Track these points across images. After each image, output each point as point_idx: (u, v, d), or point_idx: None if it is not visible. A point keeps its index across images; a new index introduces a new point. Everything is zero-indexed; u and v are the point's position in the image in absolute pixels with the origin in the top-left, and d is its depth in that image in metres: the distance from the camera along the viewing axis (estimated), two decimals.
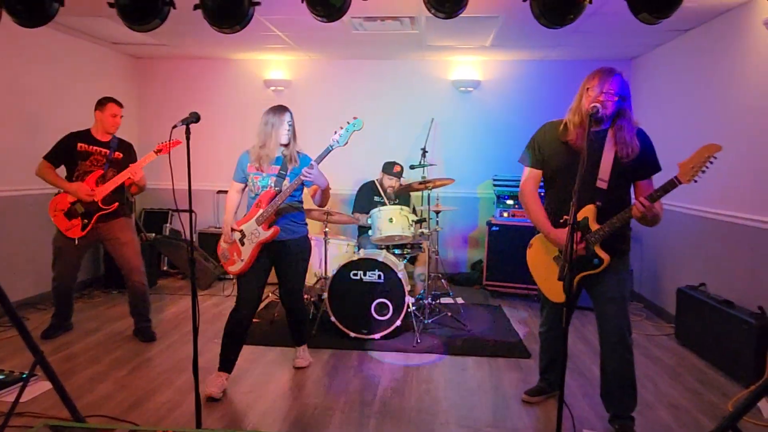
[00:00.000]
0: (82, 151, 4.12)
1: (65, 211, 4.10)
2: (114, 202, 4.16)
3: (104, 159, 4.16)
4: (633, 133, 2.72)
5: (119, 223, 4.23)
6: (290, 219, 3.49)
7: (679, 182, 2.54)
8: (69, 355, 3.93)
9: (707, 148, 2.48)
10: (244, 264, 3.42)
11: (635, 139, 2.71)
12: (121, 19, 2.52)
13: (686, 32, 4.89)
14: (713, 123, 4.43)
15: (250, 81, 6.73)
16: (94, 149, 4.16)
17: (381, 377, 3.69)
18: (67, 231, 4.10)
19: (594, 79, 2.70)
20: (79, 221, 4.09)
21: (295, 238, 3.50)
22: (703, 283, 4.35)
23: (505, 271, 5.76)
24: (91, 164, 4.14)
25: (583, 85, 2.75)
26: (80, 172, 4.11)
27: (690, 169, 2.51)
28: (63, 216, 4.10)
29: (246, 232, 3.43)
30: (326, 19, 2.47)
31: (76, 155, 4.11)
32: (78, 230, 4.10)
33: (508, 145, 6.24)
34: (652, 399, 3.39)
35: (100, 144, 4.18)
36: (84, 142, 4.15)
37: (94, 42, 5.90)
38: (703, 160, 2.47)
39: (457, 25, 4.85)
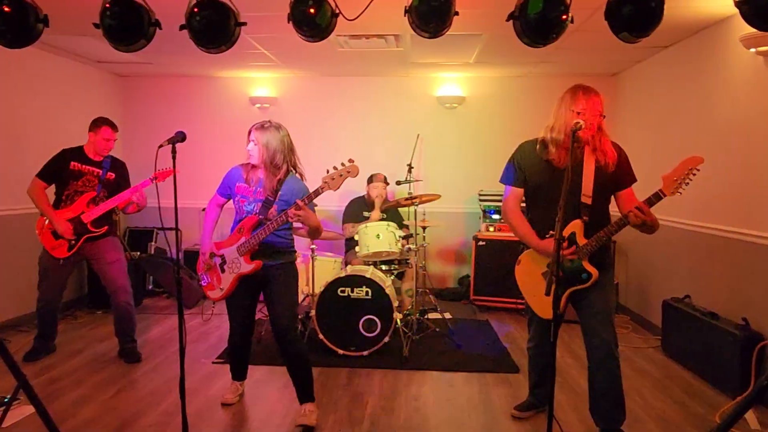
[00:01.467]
0: (75, 170, 4.06)
1: (53, 230, 4.03)
2: (104, 226, 4.11)
3: (96, 180, 4.11)
4: (610, 144, 2.80)
5: (106, 242, 4.18)
6: (273, 249, 3.19)
7: (663, 195, 2.58)
8: (52, 378, 3.85)
9: (690, 160, 2.53)
10: (223, 293, 3.26)
11: (612, 150, 2.79)
12: (106, 39, 2.52)
13: (666, 48, 4.99)
14: (694, 137, 4.51)
15: (235, 99, 6.74)
16: (87, 169, 4.10)
17: (370, 395, 3.66)
18: (52, 250, 4.04)
19: (576, 96, 2.73)
20: (65, 242, 4.03)
21: (277, 263, 3.21)
22: (688, 295, 4.40)
23: (492, 286, 5.77)
24: (83, 185, 4.08)
25: (562, 102, 2.80)
26: (71, 191, 4.05)
27: (673, 182, 2.55)
28: (50, 234, 4.03)
29: (227, 258, 3.25)
30: (312, 39, 2.49)
31: (68, 174, 4.05)
32: (64, 250, 4.04)
33: (493, 161, 6.23)
34: (640, 412, 3.40)
35: (92, 163, 4.13)
36: (77, 160, 4.08)
37: (79, 61, 5.88)
38: (686, 172, 2.52)
39: (442, 43, 4.86)
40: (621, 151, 2.85)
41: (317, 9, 2.41)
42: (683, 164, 2.54)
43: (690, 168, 2.52)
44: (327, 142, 6.57)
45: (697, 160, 2.52)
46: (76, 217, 4.01)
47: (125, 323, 4.24)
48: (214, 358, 4.29)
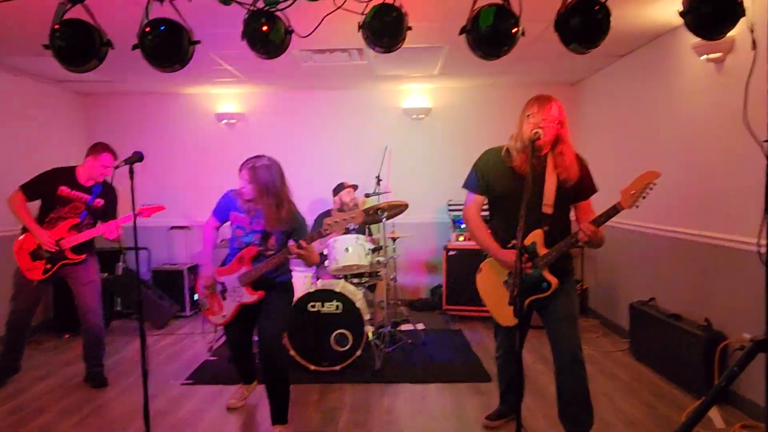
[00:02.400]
0: (63, 196, 3.96)
1: (31, 251, 3.92)
2: (83, 253, 4.02)
3: (83, 206, 4.02)
4: (573, 157, 2.81)
5: (85, 265, 4.08)
6: (269, 274, 3.26)
7: (621, 208, 2.63)
8: (15, 407, 3.73)
9: (647, 175, 2.58)
10: (225, 320, 3.36)
11: (575, 164, 2.80)
12: (57, 61, 2.48)
13: (623, 57, 5.10)
14: (652, 143, 4.61)
15: (201, 115, 6.69)
16: (76, 195, 3.99)
17: (342, 410, 3.64)
18: (27, 271, 3.92)
19: (533, 106, 2.77)
20: (41, 264, 3.93)
21: (270, 283, 3.31)
22: (653, 297, 4.47)
23: (464, 295, 5.79)
24: (69, 211, 3.98)
25: (523, 112, 2.83)
26: (56, 216, 3.95)
27: (631, 195, 2.60)
28: (27, 255, 3.92)
29: (227, 286, 3.31)
30: (266, 56, 2.49)
31: (56, 200, 3.95)
32: (39, 273, 3.93)
33: (461, 170, 6.15)
34: (609, 416, 3.44)
35: (82, 189, 4.02)
36: (67, 185, 3.96)
37: (39, 80, 5.77)
38: (642, 186, 2.58)
39: (405, 56, 4.91)
40: (583, 164, 2.87)
41: (270, 26, 2.42)
42: (641, 178, 2.60)
43: (647, 182, 2.58)
44: (295, 156, 6.53)
45: (654, 174, 2.57)
46: (55, 241, 3.91)
47: (95, 346, 4.15)
48: (183, 379, 4.22)
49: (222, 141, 6.69)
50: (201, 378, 4.24)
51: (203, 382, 4.17)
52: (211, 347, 4.93)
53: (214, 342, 5.04)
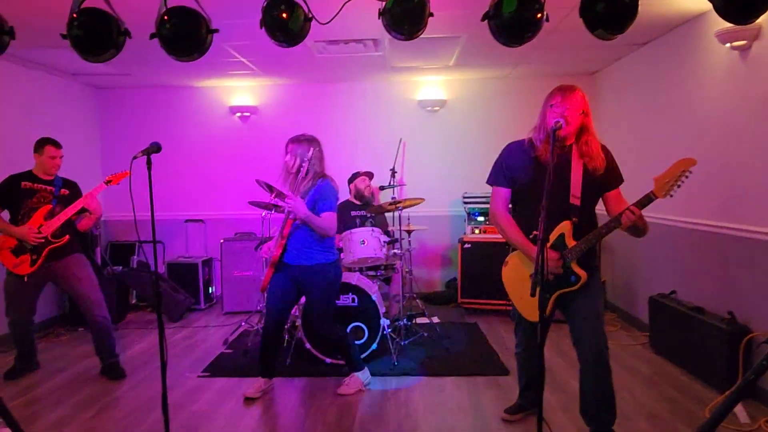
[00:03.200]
0: (27, 188, 3.99)
1: (12, 248, 3.93)
2: (64, 235, 4.00)
3: (51, 195, 4.04)
4: (598, 147, 2.75)
5: (73, 258, 4.08)
6: (303, 244, 3.56)
7: (654, 197, 2.55)
8: (32, 399, 3.76)
9: (682, 162, 2.49)
10: (263, 282, 3.67)
11: (601, 153, 2.75)
12: (75, 50, 2.46)
13: (643, 46, 5.01)
14: (673, 133, 4.53)
15: (215, 108, 6.68)
16: (40, 187, 4.03)
17: (359, 403, 3.61)
18: (15, 268, 3.93)
19: (556, 96, 2.71)
20: (27, 257, 3.93)
21: (307, 264, 3.56)
22: (674, 290, 4.40)
23: (479, 288, 5.75)
24: (38, 201, 3.99)
25: (546, 103, 2.77)
26: (26, 209, 3.96)
27: (665, 184, 2.52)
28: (10, 253, 3.93)
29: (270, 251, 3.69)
30: (286, 44, 2.45)
31: (21, 193, 3.97)
32: (27, 266, 3.93)
33: (476, 162, 6.26)
34: (630, 410, 3.39)
35: (44, 182, 4.06)
36: (28, 180, 4.02)
37: (54, 74, 5.78)
38: (678, 174, 2.49)
39: (420, 46, 4.89)
40: (608, 154, 2.82)
41: (289, 14, 2.38)
42: (675, 166, 2.50)
43: (682, 170, 2.49)
44: None
45: (690, 161, 2.48)
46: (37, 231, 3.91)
47: (104, 338, 4.14)
48: (200, 371, 4.22)
49: (236, 134, 6.68)
50: (217, 370, 4.24)
51: (219, 374, 4.16)
52: (227, 340, 4.93)
53: (230, 334, 5.05)
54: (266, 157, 6.53)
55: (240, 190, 6.31)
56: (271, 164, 6.72)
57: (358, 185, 5.40)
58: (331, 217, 3.53)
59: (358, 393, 3.75)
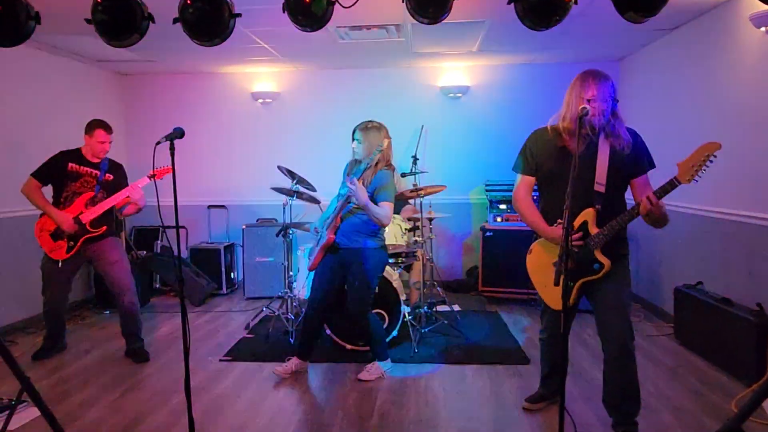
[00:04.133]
0: (73, 171, 4.04)
1: (51, 231, 4.02)
2: (102, 226, 4.08)
3: (95, 180, 4.09)
4: (625, 131, 2.70)
5: (108, 242, 4.16)
6: (354, 229, 3.64)
7: (678, 182, 2.48)
8: (60, 379, 3.84)
9: (706, 146, 2.41)
10: (311, 264, 3.78)
11: (626, 133, 2.70)
12: (99, 35, 2.47)
13: (673, 30, 4.88)
14: (704, 121, 4.42)
15: (237, 94, 6.69)
16: (85, 170, 4.08)
17: (379, 390, 3.62)
18: (51, 252, 4.02)
19: (585, 83, 2.65)
20: (64, 243, 4.01)
21: (355, 247, 3.64)
22: (701, 281, 4.32)
23: (500, 277, 5.71)
24: (81, 186, 4.06)
25: (572, 89, 2.71)
26: (69, 193, 4.03)
27: (689, 169, 2.45)
28: (48, 236, 4.02)
29: (321, 234, 3.75)
30: (309, 28, 2.43)
31: (66, 176, 4.03)
32: (63, 252, 4.01)
33: (499, 150, 6.23)
34: (654, 402, 3.34)
35: (90, 165, 4.11)
36: (75, 162, 4.07)
37: (80, 60, 5.85)
38: (702, 159, 2.42)
39: (443, 32, 4.84)
40: (636, 136, 2.76)
41: None
42: (699, 150, 2.43)
43: (706, 154, 2.41)
44: (330, 135, 6.50)
45: (715, 145, 2.40)
46: (74, 218, 3.98)
47: (131, 323, 4.22)
48: (221, 355, 4.26)
49: (258, 120, 6.70)
50: (238, 355, 4.28)
51: (241, 359, 4.20)
52: (248, 325, 4.98)
53: (251, 319, 5.09)
54: (288, 143, 6.54)
55: (262, 176, 6.32)
56: (293, 150, 6.76)
57: None
58: (389, 207, 3.58)
59: (378, 380, 3.76)
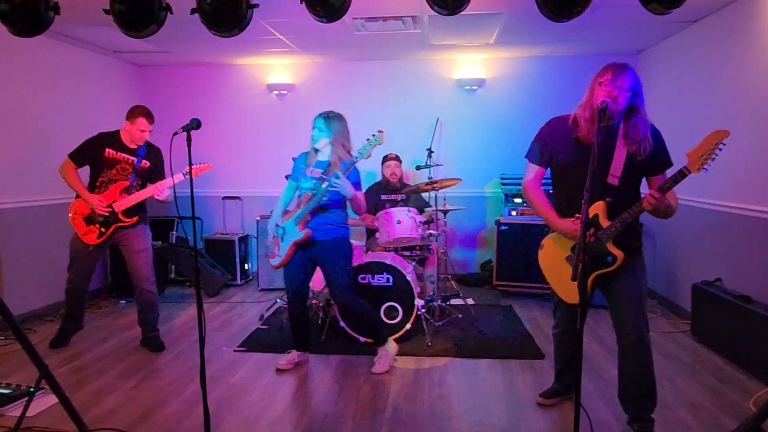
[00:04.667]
0: (110, 158, 4.04)
1: (85, 216, 4.04)
2: (134, 216, 4.10)
3: (131, 168, 4.09)
4: (647, 130, 2.65)
5: (137, 230, 4.17)
6: (326, 222, 3.63)
7: (688, 172, 2.46)
8: (76, 368, 3.89)
9: (714, 135, 2.39)
10: (281, 260, 3.70)
11: (648, 137, 2.64)
12: (117, 25, 2.47)
13: (695, 23, 4.80)
14: (724, 114, 4.34)
15: (253, 85, 6.70)
16: (122, 157, 4.06)
17: (392, 383, 3.62)
18: (83, 236, 4.05)
19: (606, 74, 2.61)
20: (96, 229, 4.04)
21: (328, 238, 3.63)
22: (719, 278, 4.26)
23: (515, 271, 5.68)
24: (117, 173, 4.06)
25: (595, 80, 2.67)
26: (105, 179, 4.05)
27: (699, 158, 2.43)
28: (82, 220, 4.05)
29: (287, 229, 3.68)
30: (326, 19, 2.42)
31: (103, 162, 4.03)
32: (94, 237, 4.05)
33: (514, 143, 6.17)
34: (670, 399, 3.31)
35: (127, 151, 4.09)
36: (112, 147, 4.04)
37: (97, 51, 5.88)
38: (711, 147, 2.39)
39: (460, 23, 4.80)
40: (658, 137, 2.71)
41: None
42: (708, 139, 2.41)
43: (715, 143, 2.39)
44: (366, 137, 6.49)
45: (723, 133, 2.38)
46: (108, 206, 4.02)
47: (149, 312, 4.26)
48: (236, 346, 4.29)
49: (273, 112, 6.70)
50: (252, 345, 4.30)
51: (255, 349, 4.23)
52: (262, 316, 5.01)
53: (265, 311, 5.12)
54: (303, 135, 6.51)
55: (276, 167, 6.32)
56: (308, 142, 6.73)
57: (384, 172, 5.38)
58: (363, 195, 3.72)
59: (392, 370, 3.77)
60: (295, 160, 3.84)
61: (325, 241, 3.63)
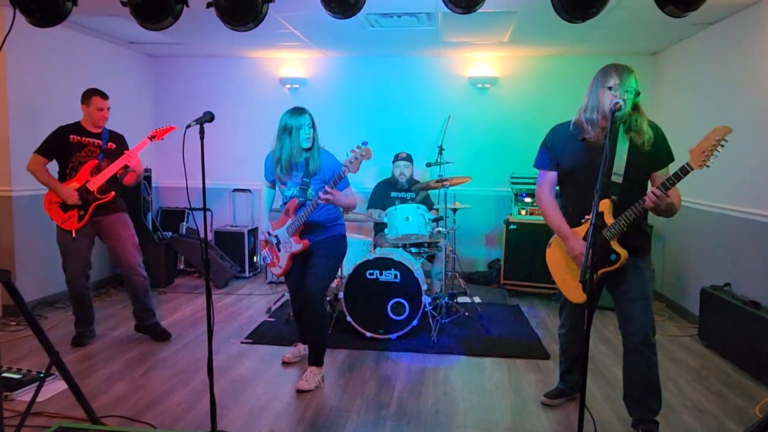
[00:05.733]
0: (75, 142, 4.05)
1: (60, 203, 4.02)
2: (110, 192, 4.07)
3: (98, 150, 4.10)
4: (646, 124, 2.69)
5: (119, 218, 4.16)
6: (320, 224, 3.51)
7: (690, 168, 2.45)
8: (86, 355, 3.94)
9: (716, 131, 2.38)
10: (282, 271, 3.62)
11: (649, 129, 2.68)
12: (134, 17, 2.49)
13: (712, 25, 4.76)
14: (739, 117, 4.30)
15: (266, 79, 6.72)
16: (87, 140, 4.09)
17: (397, 378, 3.64)
18: (63, 223, 4.02)
19: (614, 78, 2.63)
20: (75, 212, 4.01)
21: (321, 238, 3.53)
22: (728, 283, 4.24)
23: (522, 270, 5.68)
24: (86, 155, 4.07)
25: (594, 80, 2.71)
26: (75, 163, 4.04)
27: (701, 154, 2.42)
28: (58, 208, 4.02)
29: (281, 238, 3.58)
30: (341, 15, 2.43)
31: (70, 147, 4.04)
32: (74, 222, 4.01)
33: (525, 143, 6.16)
34: (676, 402, 3.30)
35: (92, 135, 4.11)
36: (76, 134, 4.07)
37: (112, 41, 5.92)
38: (713, 143, 2.38)
39: (474, 21, 4.78)
40: (657, 130, 2.74)
41: None
42: (710, 135, 2.39)
43: (717, 139, 2.37)
44: (357, 122, 6.52)
45: (725, 129, 2.36)
46: (81, 186, 4.00)
47: (144, 297, 4.22)
48: (243, 338, 4.32)
49: (285, 106, 6.58)
50: (260, 338, 4.33)
51: (262, 341, 4.26)
52: (270, 308, 5.04)
53: (273, 303, 5.15)
54: None
55: None
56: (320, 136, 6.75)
57: (395, 173, 5.40)
58: (352, 191, 3.53)
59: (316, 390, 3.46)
60: (266, 162, 3.66)
61: (318, 240, 3.52)
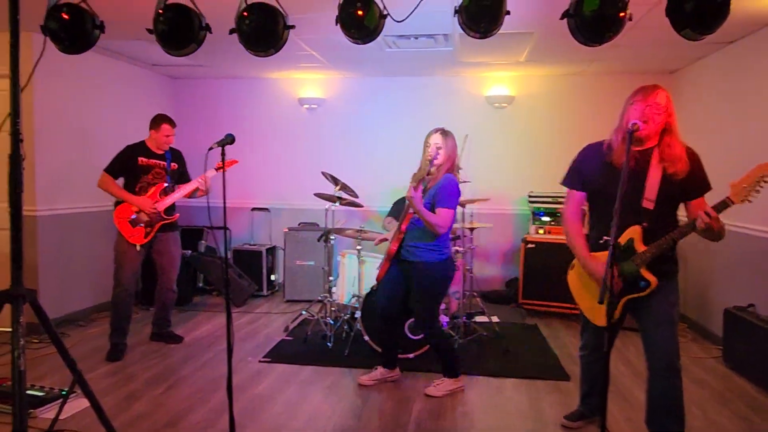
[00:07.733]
0: (144, 165, 4.34)
1: (129, 219, 4.27)
2: (175, 213, 4.43)
3: (164, 171, 4.40)
4: (682, 150, 2.63)
5: (175, 237, 4.54)
6: (413, 240, 3.55)
7: (731, 202, 2.43)
8: (107, 373, 3.98)
9: (761, 167, 2.36)
10: (378, 273, 3.75)
11: (684, 157, 2.61)
12: (159, 44, 2.56)
13: (731, 44, 4.75)
14: (759, 136, 4.27)
15: (284, 99, 6.81)
16: (154, 162, 4.39)
17: (416, 399, 3.62)
18: (130, 237, 4.26)
19: (637, 95, 2.62)
20: (142, 229, 4.28)
21: (413, 260, 3.55)
22: (752, 304, 4.17)
23: (541, 289, 5.64)
24: (154, 177, 4.37)
25: (627, 102, 2.68)
26: (143, 183, 4.33)
27: (742, 189, 2.39)
28: (127, 223, 4.27)
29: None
30: (360, 41, 2.47)
31: (139, 169, 4.32)
32: (141, 237, 4.28)
33: (543, 162, 6.17)
34: (700, 426, 3.24)
35: (157, 157, 4.41)
36: (143, 155, 4.36)
37: (135, 64, 6.06)
38: (756, 179, 2.36)
39: (491, 42, 4.75)
40: (694, 158, 2.67)
41: (365, 11, 2.39)
42: (754, 171, 2.37)
43: (761, 176, 2.35)
44: (374, 142, 6.57)
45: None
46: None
47: (169, 310, 4.68)
48: (261, 356, 4.34)
49: (303, 126, 6.80)
50: (278, 357, 4.34)
51: (280, 360, 4.27)
52: (288, 327, 5.05)
53: (290, 322, 5.16)
54: (332, 149, 6.62)
55: (305, 181, 6.41)
56: (337, 156, 6.84)
57: None
58: (446, 215, 3.43)
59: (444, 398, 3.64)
60: None
61: (410, 262, 3.57)
